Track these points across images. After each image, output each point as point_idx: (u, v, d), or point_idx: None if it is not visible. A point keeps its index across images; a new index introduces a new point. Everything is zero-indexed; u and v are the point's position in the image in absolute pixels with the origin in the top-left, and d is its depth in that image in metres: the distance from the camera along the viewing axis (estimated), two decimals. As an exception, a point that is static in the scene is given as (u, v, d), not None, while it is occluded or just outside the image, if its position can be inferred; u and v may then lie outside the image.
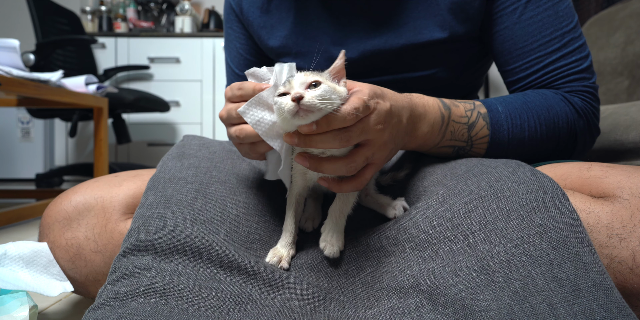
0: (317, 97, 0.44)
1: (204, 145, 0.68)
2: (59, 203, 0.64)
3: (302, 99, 0.43)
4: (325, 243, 0.54)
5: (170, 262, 0.50)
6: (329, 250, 0.54)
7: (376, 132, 0.49)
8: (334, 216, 0.55)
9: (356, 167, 0.50)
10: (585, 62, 0.66)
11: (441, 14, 0.69)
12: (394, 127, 0.52)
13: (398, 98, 0.55)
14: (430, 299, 0.44)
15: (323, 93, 0.44)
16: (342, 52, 0.50)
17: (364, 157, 0.50)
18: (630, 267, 0.44)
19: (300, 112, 0.44)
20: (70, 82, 1.66)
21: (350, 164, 0.50)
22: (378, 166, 0.54)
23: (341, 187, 0.53)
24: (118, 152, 2.96)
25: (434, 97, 0.61)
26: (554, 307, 0.39)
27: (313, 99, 0.43)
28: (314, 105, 0.43)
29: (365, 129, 0.48)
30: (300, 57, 0.75)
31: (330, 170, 0.50)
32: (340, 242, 0.54)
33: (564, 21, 0.66)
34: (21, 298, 0.55)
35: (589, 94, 0.66)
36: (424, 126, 0.59)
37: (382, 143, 0.51)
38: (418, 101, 0.58)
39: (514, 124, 0.62)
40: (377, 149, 0.51)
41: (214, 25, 3.19)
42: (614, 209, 0.46)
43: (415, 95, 0.60)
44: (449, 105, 0.61)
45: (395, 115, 0.52)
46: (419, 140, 0.60)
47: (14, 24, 3.24)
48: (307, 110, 0.43)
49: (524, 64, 0.67)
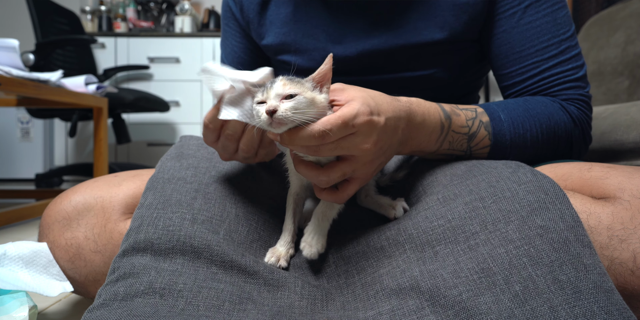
0: (290, 110, 0.45)
1: (203, 146, 0.68)
2: (58, 203, 0.64)
3: (275, 112, 0.45)
4: (305, 244, 0.54)
5: (170, 262, 0.50)
6: (307, 251, 0.53)
7: (362, 150, 0.48)
8: (317, 218, 0.55)
9: (328, 181, 0.49)
10: (580, 71, 0.66)
11: (442, 15, 0.68)
12: (385, 143, 0.51)
13: (395, 108, 0.52)
14: (431, 301, 0.44)
15: (296, 105, 0.45)
16: (329, 56, 0.48)
17: (340, 173, 0.49)
18: (631, 268, 0.44)
19: (273, 124, 0.45)
20: (70, 82, 1.66)
21: (322, 177, 0.49)
22: (363, 181, 0.53)
23: (321, 193, 0.52)
24: (118, 152, 2.96)
25: (435, 104, 0.59)
26: (555, 310, 0.39)
27: (286, 112, 0.45)
28: (286, 118, 0.45)
29: (345, 146, 0.47)
30: (298, 55, 0.75)
31: (303, 174, 0.50)
32: (320, 245, 0.54)
33: (561, 28, 0.65)
34: (21, 298, 0.55)
35: (584, 103, 0.65)
36: (420, 135, 0.57)
37: (367, 160, 0.50)
38: (417, 109, 0.56)
39: (517, 133, 0.61)
40: (360, 166, 0.50)
41: (213, 25, 3.19)
42: (615, 210, 0.46)
43: (415, 102, 0.57)
44: (450, 114, 0.59)
45: (390, 129, 0.50)
46: (413, 148, 0.59)
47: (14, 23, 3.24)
48: (280, 122, 0.45)
49: (520, 69, 0.67)
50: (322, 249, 0.54)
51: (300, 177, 0.57)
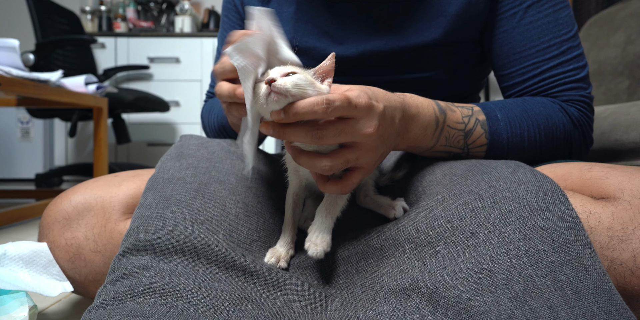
0: (290, 83, 0.44)
1: (203, 145, 0.68)
2: (58, 203, 0.64)
3: (274, 81, 0.44)
4: (310, 243, 0.52)
5: (170, 262, 0.50)
6: (312, 250, 0.51)
7: (365, 136, 0.48)
8: (321, 216, 0.54)
9: (332, 167, 0.48)
10: (582, 71, 0.65)
11: (444, 15, 0.68)
12: (385, 130, 0.50)
13: (390, 98, 0.53)
14: (431, 301, 0.44)
15: (296, 80, 0.45)
16: (331, 55, 0.49)
17: (343, 159, 0.48)
18: (631, 269, 0.44)
19: (272, 94, 0.44)
20: (70, 82, 1.66)
21: (324, 162, 0.48)
22: (367, 170, 0.52)
23: (325, 186, 0.51)
24: (118, 152, 2.96)
25: (428, 99, 0.60)
26: (555, 310, 0.38)
27: (285, 84, 0.44)
28: (285, 88, 0.44)
29: (348, 130, 0.47)
30: (299, 54, 0.75)
31: (305, 164, 0.49)
32: (325, 243, 0.52)
33: (563, 29, 0.65)
34: (21, 298, 0.55)
35: (585, 104, 0.65)
36: (416, 128, 0.57)
37: (370, 147, 0.49)
38: (411, 102, 0.57)
39: (514, 133, 0.61)
40: (363, 153, 0.49)
41: (213, 25, 3.19)
42: (615, 210, 0.46)
43: (409, 95, 0.58)
44: (444, 109, 0.59)
45: (388, 116, 0.51)
46: (410, 142, 0.59)
47: (14, 23, 3.24)
48: (278, 92, 0.44)
49: (520, 69, 0.67)
50: (328, 248, 0.53)
51: (299, 176, 0.57)
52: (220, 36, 0.87)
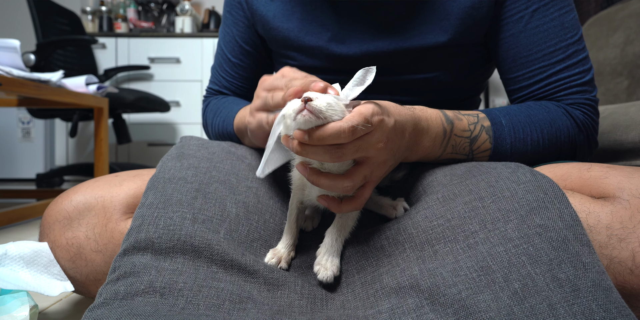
0: (325, 104, 0.44)
1: (203, 146, 0.68)
2: (59, 203, 0.64)
3: (311, 100, 0.43)
4: (319, 266, 0.52)
5: (170, 261, 0.50)
6: (322, 274, 0.52)
7: (377, 150, 0.48)
8: (331, 239, 0.54)
9: (354, 186, 0.49)
10: (587, 75, 0.65)
11: (448, 18, 0.68)
12: (395, 144, 0.51)
13: (401, 112, 0.54)
14: (430, 299, 0.44)
15: (331, 102, 0.44)
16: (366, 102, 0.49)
17: (362, 176, 0.49)
18: (630, 268, 0.44)
19: (305, 112, 0.43)
20: (71, 82, 1.66)
21: (346, 183, 0.48)
22: (376, 183, 0.53)
23: (341, 207, 0.52)
24: (118, 152, 2.97)
25: (436, 110, 0.60)
26: (554, 308, 0.39)
27: (321, 103, 0.43)
28: (320, 109, 0.43)
29: (364, 146, 0.47)
30: (300, 52, 0.75)
31: (326, 186, 0.49)
32: (335, 267, 0.53)
33: (569, 32, 0.65)
34: (22, 298, 0.55)
35: (590, 107, 0.65)
36: (425, 141, 0.58)
37: (381, 161, 0.50)
38: (421, 115, 0.57)
39: (517, 137, 0.61)
40: (375, 167, 0.50)
41: (214, 26, 3.19)
42: (614, 209, 0.46)
43: (418, 108, 0.59)
44: (452, 119, 0.60)
45: (399, 130, 0.51)
46: (420, 155, 0.59)
47: (15, 24, 3.24)
48: (312, 111, 0.43)
49: (526, 73, 0.67)
50: (337, 272, 0.53)
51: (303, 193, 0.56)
52: (222, 31, 0.86)
